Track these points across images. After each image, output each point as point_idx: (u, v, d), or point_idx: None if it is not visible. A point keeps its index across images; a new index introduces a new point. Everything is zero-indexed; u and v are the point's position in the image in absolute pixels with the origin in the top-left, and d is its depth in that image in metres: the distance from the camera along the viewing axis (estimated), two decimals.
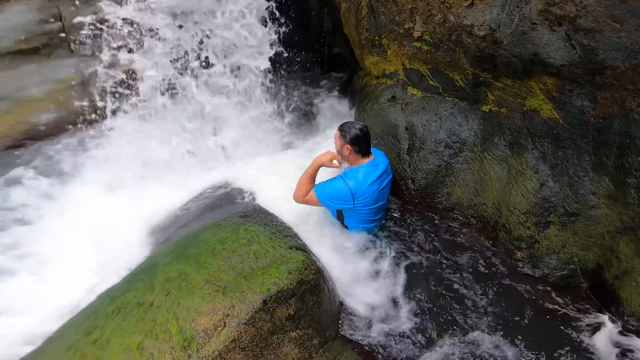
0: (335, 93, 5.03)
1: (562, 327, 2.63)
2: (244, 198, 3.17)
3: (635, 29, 2.28)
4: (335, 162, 3.11)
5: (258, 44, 3.87)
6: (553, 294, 2.81)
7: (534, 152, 2.90)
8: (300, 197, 3.11)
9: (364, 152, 3.06)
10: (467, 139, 3.25)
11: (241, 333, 2.01)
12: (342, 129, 3.06)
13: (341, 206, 3.10)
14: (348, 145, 3.02)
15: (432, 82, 3.43)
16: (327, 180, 3.11)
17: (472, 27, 2.90)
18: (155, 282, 2.19)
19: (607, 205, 2.65)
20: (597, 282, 2.76)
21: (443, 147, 3.31)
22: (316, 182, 3.12)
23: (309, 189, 3.09)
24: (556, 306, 2.75)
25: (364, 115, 3.79)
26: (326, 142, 3.95)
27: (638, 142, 2.42)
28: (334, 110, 4.67)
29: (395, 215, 3.37)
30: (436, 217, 3.33)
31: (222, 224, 2.54)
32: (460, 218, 3.29)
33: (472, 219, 3.25)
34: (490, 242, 3.14)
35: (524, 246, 2.97)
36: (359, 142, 3.01)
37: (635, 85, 2.38)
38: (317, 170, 3.11)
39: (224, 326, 1.99)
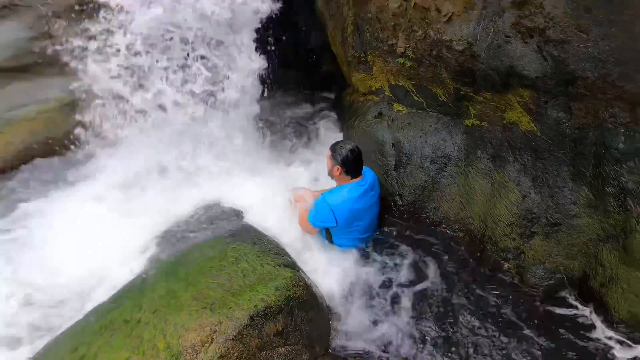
0: (326, 111, 5.09)
1: (551, 335, 2.66)
2: (235, 216, 3.21)
3: (602, 38, 2.38)
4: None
5: (246, 62, 3.89)
6: (542, 303, 2.84)
7: (515, 165, 2.98)
8: (306, 228, 3.29)
9: (354, 173, 3.13)
10: (452, 153, 3.32)
11: (229, 349, 2.04)
12: (333, 149, 3.14)
13: (326, 225, 3.17)
14: (339, 167, 3.09)
15: (416, 98, 3.52)
16: (315, 203, 3.19)
17: (451, 42, 3.01)
18: (143, 300, 2.24)
19: (588, 214, 2.71)
20: (584, 290, 2.80)
21: (429, 163, 3.38)
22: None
23: (304, 216, 3.23)
24: (545, 315, 2.79)
25: (352, 133, 3.88)
26: (319, 157, 4.03)
27: (613, 151, 2.49)
28: (324, 128, 4.72)
29: (385, 230, 3.42)
30: (425, 231, 3.38)
31: (211, 243, 2.60)
32: (449, 232, 3.34)
33: (459, 232, 3.30)
34: (479, 254, 3.19)
35: (511, 257, 3.01)
36: (349, 164, 3.08)
37: (605, 95, 2.46)
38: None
39: (212, 342, 2.02)
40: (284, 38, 4.37)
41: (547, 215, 2.84)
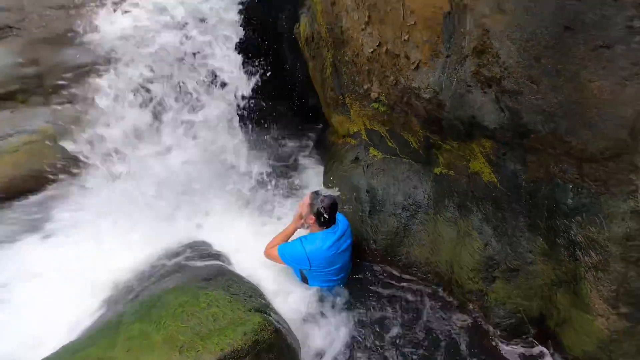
0: (310, 148, 5.24)
1: None
2: (213, 259, 3.36)
3: (550, 90, 2.43)
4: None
5: (230, 95, 3.98)
6: (505, 341, 3.04)
7: (478, 214, 3.15)
8: (268, 253, 3.41)
9: (327, 224, 3.34)
10: (422, 201, 3.51)
11: None
12: (312, 199, 3.34)
13: (300, 267, 3.36)
14: (312, 217, 3.31)
15: (390, 144, 3.71)
16: (290, 241, 3.38)
17: (419, 90, 3.12)
18: (118, 339, 2.38)
19: (543, 262, 2.87)
20: (542, 330, 2.98)
21: (401, 210, 3.57)
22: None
23: (276, 245, 3.38)
24: (508, 352, 2.98)
25: (330, 176, 4.09)
26: (300, 200, 4.16)
27: (562, 206, 2.64)
28: (306, 167, 4.89)
29: (359, 275, 3.59)
30: (397, 274, 3.55)
31: (185, 287, 2.76)
32: (419, 274, 3.51)
33: (429, 275, 3.48)
34: (447, 295, 3.38)
35: (475, 299, 3.18)
36: (323, 217, 3.30)
37: (555, 149, 2.55)
38: (292, 231, 3.43)
39: None
40: (270, 71, 4.38)
41: (507, 262, 3.00)
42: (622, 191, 2.34)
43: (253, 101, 4.08)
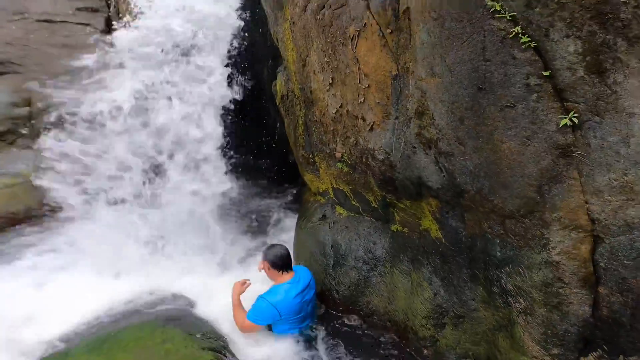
0: (286, 205, 5.54)
1: None
2: (185, 304, 3.59)
3: (474, 151, 2.62)
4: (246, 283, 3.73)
5: (209, 149, 4.30)
6: None
7: (428, 267, 3.44)
8: (242, 327, 3.58)
9: (282, 268, 3.66)
10: (380, 256, 3.81)
11: None
12: (264, 251, 3.72)
13: (272, 321, 3.59)
14: (265, 263, 3.67)
15: (354, 203, 4.02)
16: (253, 305, 3.59)
17: (374, 151, 3.38)
18: None
19: (484, 308, 3.11)
20: None
21: (361, 263, 3.87)
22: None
23: (244, 317, 3.57)
24: None
25: (299, 233, 4.41)
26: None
27: (493, 258, 2.92)
28: (282, 225, 5.21)
29: (322, 322, 3.85)
30: (358, 322, 3.84)
31: (144, 325, 2.93)
32: (379, 322, 3.78)
33: (387, 323, 3.74)
34: (403, 342, 3.64)
35: (429, 344, 3.42)
36: (276, 263, 3.64)
37: (483, 207, 2.80)
38: (238, 300, 3.66)
39: None
40: (250, 127, 4.77)
41: (454, 309, 3.27)
42: (537, 244, 2.62)
43: (236, 156, 4.41)
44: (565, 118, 2.35)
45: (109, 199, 4.11)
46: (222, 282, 4.06)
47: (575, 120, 2.34)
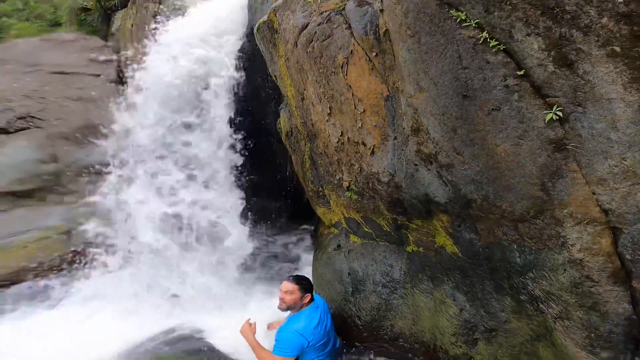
0: (305, 243, 5.54)
1: None
2: (205, 349, 3.58)
3: (472, 159, 2.62)
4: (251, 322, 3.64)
5: (224, 193, 4.37)
6: None
7: (449, 283, 3.36)
8: None
9: (309, 291, 3.62)
10: (399, 278, 3.74)
11: None
12: (299, 283, 3.61)
13: (300, 350, 3.46)
14: (303, 294, 3.57)
15: (366, 229, 3.99)
16: (277, 340, 3.48)
17: (378, 174, 3.39)
18: None
19: (516, 319, 2.99)
20: None
21: (380, 287, 3.80)
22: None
23: (270, 354, 3.44)
24: None
25: (316, 265, 4.36)
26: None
27: (515, 265, 2.84)
28: (300, 263, 5.20)
29: (348, 348, 3.79)
30: (385, 347, 3.73)
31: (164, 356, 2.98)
32: (406, 345, 3.67)
33: (415, 345, 3.63)
34: None
35: None
36: (305, 284, 3.61)
37: (493, 214, 2.75)
38: (255, 340, 3.53)
39: None
40: (261, 171, 4.80)
41: (484, 323, 3.15)
42: (555, 244, 2.55)
43: (253, 200, 4.43)
44: (550, 113, 2.36)
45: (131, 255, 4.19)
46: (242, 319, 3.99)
47: (560, 113, 2.35)
